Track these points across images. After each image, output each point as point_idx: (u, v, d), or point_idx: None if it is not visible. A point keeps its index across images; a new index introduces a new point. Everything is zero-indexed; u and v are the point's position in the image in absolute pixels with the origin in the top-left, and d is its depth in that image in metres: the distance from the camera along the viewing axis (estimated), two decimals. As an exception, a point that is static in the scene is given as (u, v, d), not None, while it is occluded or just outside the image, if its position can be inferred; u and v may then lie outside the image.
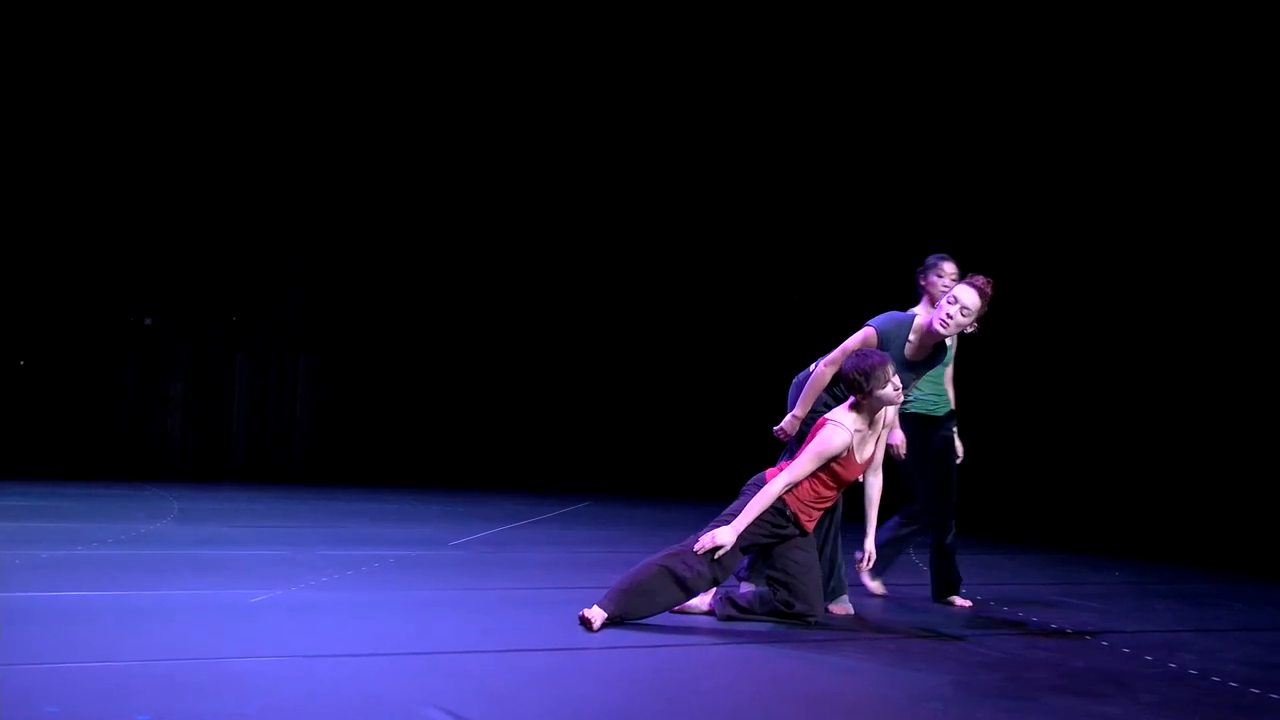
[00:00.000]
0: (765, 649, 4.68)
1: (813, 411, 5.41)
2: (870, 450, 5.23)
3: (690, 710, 3.71)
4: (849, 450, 5.09)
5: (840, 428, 5.08)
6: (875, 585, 6.17)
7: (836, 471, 5.11)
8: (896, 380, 5.10)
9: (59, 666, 3.67)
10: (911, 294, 6.04)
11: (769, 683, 4.14)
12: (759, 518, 5.05)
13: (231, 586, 5.39)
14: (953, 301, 5.31)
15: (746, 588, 5.38)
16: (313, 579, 5.69)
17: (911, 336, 5.42)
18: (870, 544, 5.41)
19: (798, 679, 4.22)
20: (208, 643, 4.19)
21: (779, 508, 5.08)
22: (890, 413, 5.31)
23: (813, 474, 5.10)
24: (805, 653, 4.64)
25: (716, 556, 4.95)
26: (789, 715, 3.75)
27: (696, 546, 4.95)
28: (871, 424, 5.19)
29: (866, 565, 5.46)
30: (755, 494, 5.10)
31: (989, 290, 5.31)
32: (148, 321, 12.22)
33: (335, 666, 3.94)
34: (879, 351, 5.18)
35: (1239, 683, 4.36)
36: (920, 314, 5.55)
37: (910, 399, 5.85)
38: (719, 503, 5.52)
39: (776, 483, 5.09)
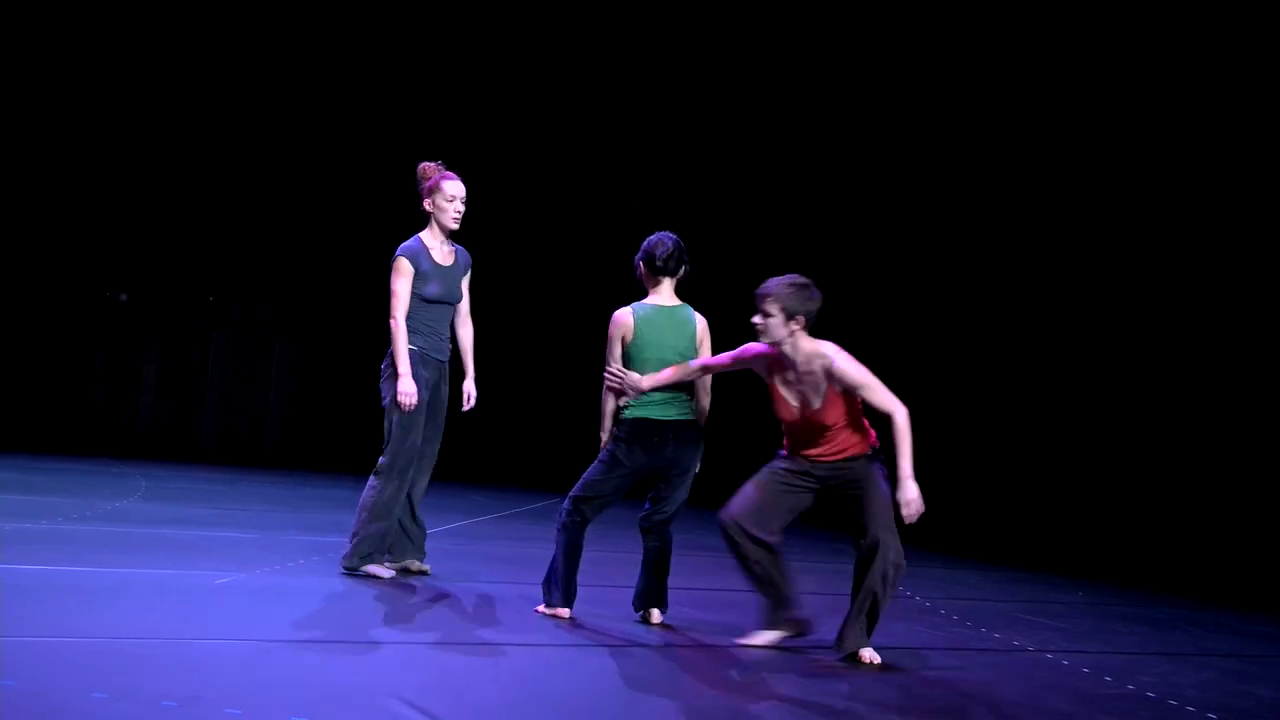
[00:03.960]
0: (733, 650, 4.68)
1: None
2: None
3: (654, 709, 3.70)
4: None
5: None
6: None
7: None
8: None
9: (16, 640, 3.64)
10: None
11: (736, 681, 4.14)
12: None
13: (195, 567, 5.36)
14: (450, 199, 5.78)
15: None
16: (278, 563, 5.67)
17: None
18: None
19: (768, 681, 4.23)
20: (168, 623, 4.16)
21: None
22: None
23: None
24: (778, 658, 4.64)
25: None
26: (755, 715, 3.75)
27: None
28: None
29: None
30: None
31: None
32: (122, 298, 12.13)
33: (297, 652, 3.92)
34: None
35: (1196, 707, 4.39)
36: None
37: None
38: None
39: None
